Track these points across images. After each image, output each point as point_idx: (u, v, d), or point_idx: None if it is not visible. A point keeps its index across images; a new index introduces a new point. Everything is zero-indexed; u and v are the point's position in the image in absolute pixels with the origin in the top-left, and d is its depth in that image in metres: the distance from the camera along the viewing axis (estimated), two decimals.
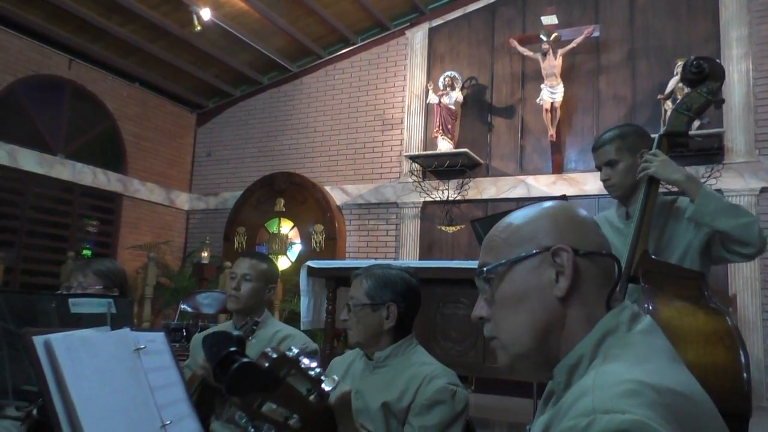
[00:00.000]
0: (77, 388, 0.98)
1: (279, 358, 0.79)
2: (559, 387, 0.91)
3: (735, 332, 1.70)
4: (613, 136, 2.16)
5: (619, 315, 0.90)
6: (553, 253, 0.90)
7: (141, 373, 1.15)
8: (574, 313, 0.89)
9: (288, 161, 8.49)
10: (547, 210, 0.97)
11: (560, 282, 0.89)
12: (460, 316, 4.07)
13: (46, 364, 0.97)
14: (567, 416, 0.76)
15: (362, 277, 1.91)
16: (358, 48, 8.30)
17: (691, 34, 6.64)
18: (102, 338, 1.10)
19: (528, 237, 0.93)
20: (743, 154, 6.27)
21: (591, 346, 0.87)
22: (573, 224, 0.94)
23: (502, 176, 7.25)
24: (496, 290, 0.93)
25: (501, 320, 0.93)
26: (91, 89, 7.84)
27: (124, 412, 1.07)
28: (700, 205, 1.86)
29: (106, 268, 2.52)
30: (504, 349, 0.94)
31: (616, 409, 0.71)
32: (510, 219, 0.99)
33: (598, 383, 0.77)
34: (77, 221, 7.78)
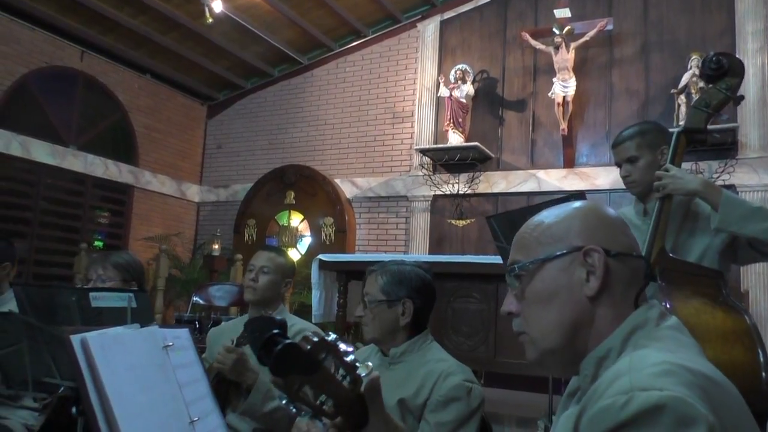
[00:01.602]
0: (112, 385, 0.99)
1: (319, 341, 0.81)
2: (585, 380, 0.92)
3: (754, 331, 1.70)
4: (633, 133, 2.15)
5: (648, 311, 0.92)
6: (584, 253, 0.91)
7: (170, 369, 1.16)
8: (602, 311, 0.91)
9: (298, 154, 8.49)
10: (578, 210, 0.98)
11: (591, 282, 0.91)
12: (471, 310, 4.08)
13: (83, 361, 0.98)
14: (603, 396, 0.77)
15: (377, 273, 1.92)
16: (370, 40, 8.28)
17: (706, 28, 6.58)
18: (132, 336, 1.11)
19: (559, 236, 0.94)
20: (757, 150, 6.22)
21: (620, 339, 0.89)
22: (604, 225, 0.96)
23: (512, 170, 7.23)
24: (526, 287, 0.95)
25: (531, 316, 0.95)
26: (102, 81, 7.86)
27: (156, 409, 1.08)
28: (724, 215, 1.82)
29: (124, 261, 2.54)
30: (533, 344, 0.96)
31: (654, 387, 0.73)
32: (541, 217, 1.00)
33: (634, 365, 0.79)
34: (89, 213, 7.82)
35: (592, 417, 0.77)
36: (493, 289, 4.04)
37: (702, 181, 1.91)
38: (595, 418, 0.76)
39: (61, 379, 1.84)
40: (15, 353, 2.02)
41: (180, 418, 1.10)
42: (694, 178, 1.92)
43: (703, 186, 1.89)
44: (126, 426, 1.00)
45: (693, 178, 1.92)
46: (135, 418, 1.01)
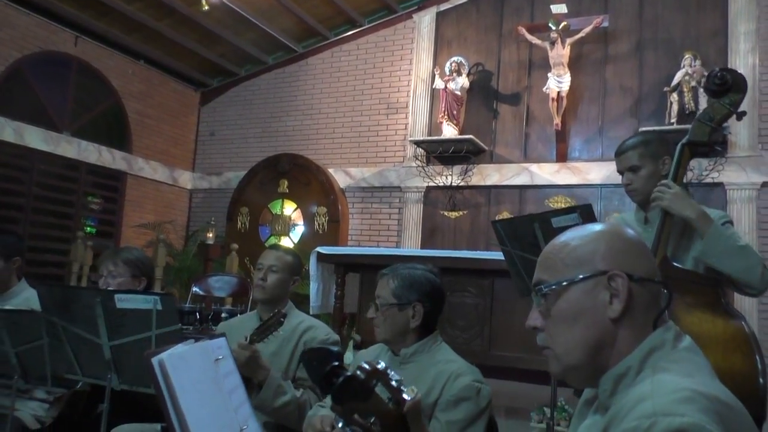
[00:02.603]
0: (185, 401, 1.05)
1: (371, 370, 0.89)
2: (604, 394, 0.99)
3: (752, 339, 1.79)
4: (636, 143, 2.21)
5: (665, 333, 0.98)
6: (608, 278, 0.97)
7: (221, 381, 1.22)
8: (623, 332, 0.98)
9: (292, 143, 8.51)
10: (603, 233, 1.03)
11: (614, 305, 0.97)
12: (467, 304, 4.16)
13: (162, 381, 1.04)
14: (627, 418, 0.85)
15: (389, 277, 1.98)
16: (365, 30, 8.28)
17: (700, 28, 6.67)
18: (192, 352, 1.16)
19: (585, 259, 1.00)
20: (746, 149, 6.34)
21: (638, 359, 0.96)
22: (628, 250, 1.01)
23: (506, 163, 7.30)
24: (552, 306, 1.01)
25: (556, 334, 1.01)
26: (96, 66, 7.81)
27: (216, 421, 1.14)
28: (708, 246, 1.89)
29: (134, 257, 2.59)
30: (557, 359, 1.02)
31: (675, 413, 0.80)
32: (566, 239, 1.05)
33: (656, 390, 0.87)
34: (82, 199, 7.80)
35: None
36: (489, 284, 4.13)
37: (698, 210, 1.95)
38: None
39: (83, 375, 1.90)
40: (35, 350, 2.08)
41: (233, 427, 1.16)
42: (691, 204, 1.96)
43: (696, 214, 1.94)
44: None
45: (690, 204, 1.97)
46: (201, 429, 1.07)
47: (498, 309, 4.03)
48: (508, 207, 7.23)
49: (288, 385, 2.17)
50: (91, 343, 1.79)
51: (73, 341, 1.83)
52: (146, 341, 1.69)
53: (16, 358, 2.12)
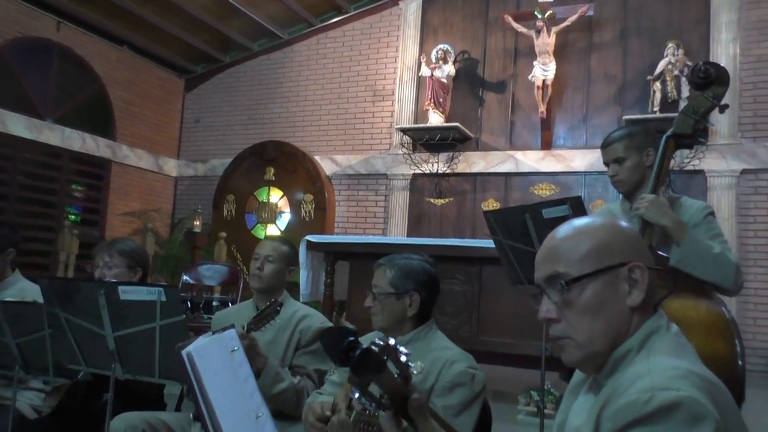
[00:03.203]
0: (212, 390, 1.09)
1: (384, 345, 0.95)
2: (602, 374, 1.06)
3: (732, 324, 1.87)
4: (621, 135, 2.27)
5: (660, 319, 1.07)
6: (629, 269, 1.03)
7: (237, 369, 1.26)
8: (637, 318, 1.05)
9: (278, 130, 8.49)
10: (612, 226, 1.09)
11: (634, 294, 1.04)
12: (456, 291, 4.24)
13: (191, 371, 1.08)
14: (626, 393, 0.93)
15: (386, 267, 2.03)
16: (351, 17, 8.26)
17: (683, 17, 6.75)
18: (211, 344, 1.20)
19: (604, 252, 1.05)
20: (726, 137, 6.47)
21: (638, 342, 1.03)
22: (639, 242, 1.09)
23: (491, 151, 7.37)
24: (576, 299, 1.05)
25: (579, 325, 1.05)
26: (79, 52, 7.71)
27: (236, 408, 1.19)
28: (683, 254, 1.96)
29: (129, 248, 2.61)
30: (580, 348, 1.06)
31: (672, 387, 0.88)
32: (576, 231, 1.09)
33: (653, 368, 0.95)
34: (66, 187, 7.74)
35: (617, 409, 0.92)
36: (477, 271, 4.21)
37: (673, 219, 2.01)
38: (620, 410, 0.91)
39: (87, 365, 1.94)
40: (36, 341, 2.10)
41: (249, 414, 1.21)
42: (668, 213, 2.02)
43: (672, 223, 2.00)
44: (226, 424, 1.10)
45: (666, 213, 2.02)
46: (227, 418, 1.11)
47: (486, 296, 4.12)
48: (494, 194, 7.31)
49: (286, 372, 2.22)
50: (94, 334, 1.82)
51: (77, 332, 1.86)
52: (150, 332, 1.73)
53: (17, 349, 2.15)
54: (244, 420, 1.18)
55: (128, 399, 2.20)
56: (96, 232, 7.96)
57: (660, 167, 2.15)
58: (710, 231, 2.13)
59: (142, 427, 2.13)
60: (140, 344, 1.77)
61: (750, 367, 5.90)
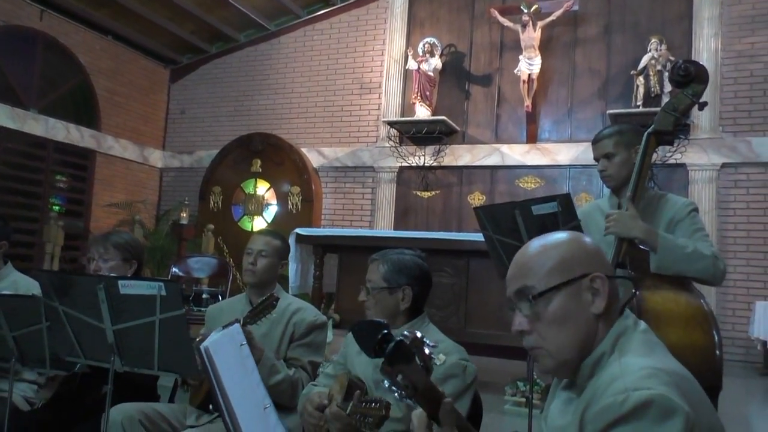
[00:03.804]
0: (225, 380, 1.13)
1: (413, 338, 1.00)
2: (582, 378, 1.13)
3: (711, 316, 1.95)
4: (611, 132, 2.33)
5: (626, 320, 1.14)
6: (591, 279, 1.11)
7: (245, 363, 1.30)
8: (601, 324, 1.12)
9: (264, 121, 8.49)
10: (573, 241, 1.17)
11: (596, 302, 1.11)
12: (444, 284, 4.30)
13: (209, 365, 1.12)
14: (603, 396, 1.01)
15: (379, 262, 2.08)
16: (338, 9, 8.26)
17: (666, 12, 6.85)
18: (222, 339, 1.24)
19: (567, 265, 1.13)
20: (708, 131, 6.59)
21: (609, 345, 1.11)
22: (598, 254, 1.16)
23: (477, 144, 7.44)
24: (543, 311, 1.12)
25: (548, 335, 1.13)
26: (63, 42, 7.64)
27: (247, 397, 1.23)
28: (661, 260, 2.03)
29: (124, 241, 2.63)
30: (552, 357, 1.14)
31: (643, 387, 0.96)
32: (540, 247, 1.17)
33: (624, 371, 1.02)
34: (50, 178, 7.69)
35: (597, 412, 1.00)
36: (464, 264, 4.28)
37: (643, 230, 2.06)
38: (600, 412, 0.99)
39: (85, 358, 1.97)
40: (33, 333, 2.13)
41: (258, 405, 1.25)
42: (636, 224, 2.07)
43: (642, 233, 2.06)
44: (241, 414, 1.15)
45: (635, 224, 2.06)
46: (241, 409, 1.16)
47: (473, 288, 4.19)
48: (480, 187, 7.39)
49: (281, 364, 2.26)
50: (93, 327, 1.85)
51: (75, 325, 1.88)
52: (149, 325, 1.76)
53: (14, 342, 2.17)
54: (253, 411, 1.22)
55: (122, 391, 2.23)
56: (81, 223, 7.92)
57: (642, 163, 2.21)
58: (693, 226, 2.21)
59: (138, 417, 2.17)
60: (139, 337, 1.79)
61: (728, 357, 6.05)
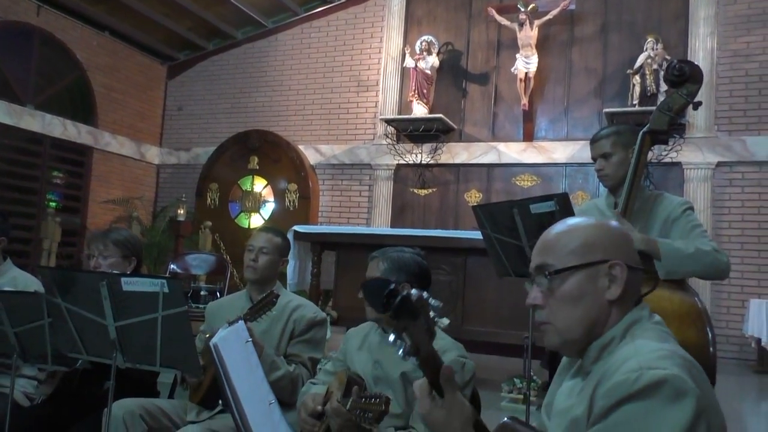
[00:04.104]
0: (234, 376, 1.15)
1: (419, 295, 1.02)
2: (588, 360, 1.16)
3: (704, 313, 1.99)
4: (609, 132, 2.36)
5: (642, 310, 1.17)
6: (610, 266, 1.13)
7: (251, 359, 1.33)
8: (614, 311, 1.15)
9: (261, 119, 8.49)
10: (602, 226, 1.19)
11: (612, 289, 1.13)
12: (441, 281, 4.33)
13: (218, 361, 1.14)
14: (615, 374, 1.02)
15: (378, 259, 2.10)
16: (335, 7, 8.27)
17: (662, 11, 6.88)
18: (229, 336, 1.26)
19: (589, 248, 1.15)
20: (703, 130, 6.63)
21: (621, 331, 1.13)
22: (624, 242, 1.18)
23: (474, 142, 7.47)
24: (558, 289, 1.15)
25: (559, 312, 1.16)
26: (60, 37, 7.63)
27: (253, 394, 1.25)
28: (667, 266, 2.07)
29: (123, 238, 2.64)
30: (558, 334, 1.17)
31: (657, 366, 0.98)
32: (568, 227, 1.20)
33: (639, 350, 1.05)
34: (47, 174, 7.68)
35: (609, 388, 1.01)
36: (462, 261, 4.30)
37: (641, 239, 2.09)
38: (612, 388, 1.00)
39: (87, 354, 1.98)
40: (35, 330, 2.14)
41: (263, 401, 1.27)
42: (634, 236, 2.10)
43: (643, 244, 2.09)
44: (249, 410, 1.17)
45: (634, 237, 2.08)
46: (249, 404, 1.18)
47: (470, 286, 4.22)
48: (477, 185, 7.42)
49: (281, 360, 2.28)
50: (96, 323, 1.87)
51: (78, 321, 1.90)
52: (152, 322, 1.78)
53: (15, 338, 2.18)
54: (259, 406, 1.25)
55: (123, 387, 2.25)
56: (77, 220, 7.92)
57: (637, 162, 2.24)
58: (689, 224, 2.24)
59: (139, 412, 2.19)
60: (141, 334, 1.81)
61: (722, 354, 6.11)
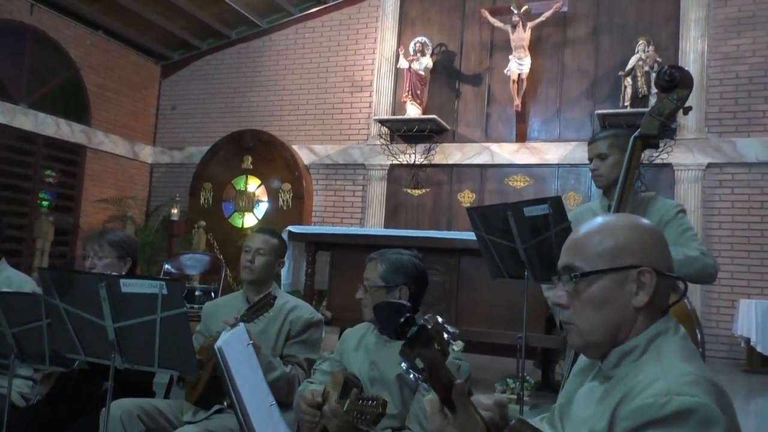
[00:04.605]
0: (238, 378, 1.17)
1: (435, 322, 1.02)
2: (608, 365, 1.14)
3: (693, 315, 2.03)
4: (607, 134, 2.41)
5: (668, 322, 1.14)
6: (639, 272, 1.10)
7: (252, 361, 1.35)
8: (641, 318, 1.12)
9: (255, 118, 8.50)
10: (634, 228, 1.16)
11: (640, 296, 1.10)
12: (435, 281, 4.35)
13: (222, 364, 1.16)
14: (642, 395, 1.00)
15: (377, 261, 2.12)
16: (330, 7, 8.28)
17: (654, 14, 6.94)
18: (231, 339, 1.28)
19: (618, 252, 1.12)
20: (693, 131, 6.69)
21: (645, 340, 1.11)
22: (656, 246, 1.15)
23: (467, 142, 7.51)
24: (584, 291, 1.13)
25: (583, 315, 1.14)
26: (53, 36, 7.61)
27: (255, 395, 1.28)
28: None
29: (119, 239, 2.66)
30: (580, 335, 1.15)
31: (687, 393, 0.96)
32: (597, 229, 1.17)
33: (667, 372, 1.02)
34: (39, 173, 7.66)
35: (634, 409, 0.99)
36: (455, 262, 4.34)
37: None
38: (637, 410, 0.98)
39: (86, 355, 2.00)
40: (33, 330, 2.15)
41: (264, 402, 1.29)
42: None
43: None
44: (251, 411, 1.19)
45: None
46: (251, 405, 1.20)
47: (464, 286, 4.25)
48: (470, 185, 7.45)
49: (278, 361, 2.30)
50: (94, 324, 1.88)
51: (76, 322, 1.92)
52: (150, 323, 1.80)
53: (13, 338, 2.19)
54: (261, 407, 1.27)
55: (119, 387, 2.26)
56: (70, 219, 7.90)
57: (628, 166, 2.28)
58: (681, 227, 2.28)
59: (136, 412, 2.21)
60: (140, 335, 1.83)
61: (713, 354, 6.18)
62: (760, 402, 5.05)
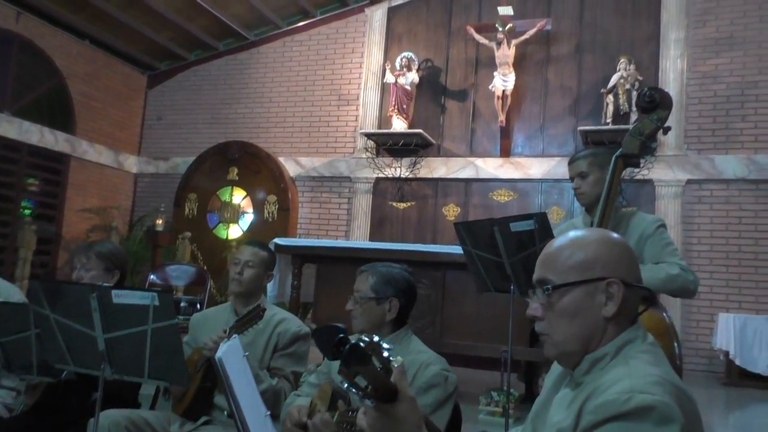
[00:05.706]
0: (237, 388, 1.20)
1: (369, 342, 1.06)
2: (579, 372, 1.20)
3: (671, 328, 2.09)
4: (586, 153, 2.47)
5: (637, 330, 1.20)
6: (607, 284, 1.17)
7: (248, 374, 1.37)
8: (611, 327, 1.18)
9: (242, 130, 8.52)
10: (603, 242, 1.22)
11: (609, 306, 1.16)
12: (420, 295, 4.36)
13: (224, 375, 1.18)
14: (606, 393, 1.06)
15: (368, 273, 2.16)
16: (317, 21, 8.36)
17: (635, 33, 7.10)
18: (229, 350, 1.30)
19: (587, 265, 1.18)
20: (673, 148, 6.83)
21: (614, 348, 1.17)
22: (624, 259, 1.20)
23: (452, 157, 7.58)
24: (557, 303, 1.19)
25: (556, 326, 1.20)
26: (39, 44, 7.58)
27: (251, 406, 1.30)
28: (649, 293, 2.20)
29: (107, 251, 2.66)
30: (555, 346, 1.21)
31: (648, 391, 1.01)
32: (568, 243, 1.23)
33: (632, 373, 1.08)
34: (23, 181, 7.59)
35: (598, 405, 1.04)
36: (441, 276, 4.38)
37: None
38: (601, 406, 1.04)
39: (75, 365, 2.00)
40: (21, 341, 2.15)
41: (259, 413, 1.32)
42: None
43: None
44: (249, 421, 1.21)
45: None
46: (249, 416, 1.22)
47: (449, 299, 4.29)
48: (455, 199, 7.53)
49: (264, 374, 2.32)
50: (84, 335, 1.89)
51: (66, 333, 1.92)
52: (141, 334, 1.81)
53: (1, 348, 2.19)
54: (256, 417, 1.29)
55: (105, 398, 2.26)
56: (53, 228, 7.83)
57: (610, 184, 2.35)
58: (661, 241, 2.35)
59: (125, 424, 2.21)
60: (131, 346, 1.84)
61: (692, 367, 6.27)
62: (739, 415, 5.14)
